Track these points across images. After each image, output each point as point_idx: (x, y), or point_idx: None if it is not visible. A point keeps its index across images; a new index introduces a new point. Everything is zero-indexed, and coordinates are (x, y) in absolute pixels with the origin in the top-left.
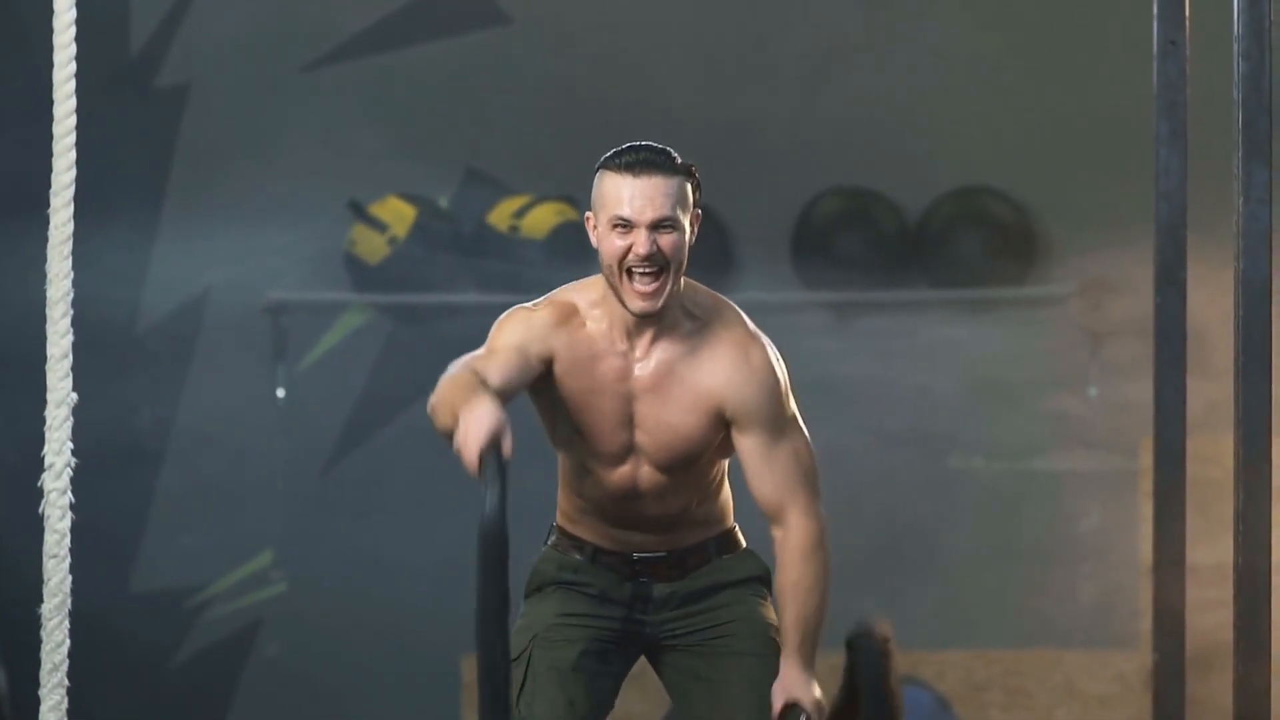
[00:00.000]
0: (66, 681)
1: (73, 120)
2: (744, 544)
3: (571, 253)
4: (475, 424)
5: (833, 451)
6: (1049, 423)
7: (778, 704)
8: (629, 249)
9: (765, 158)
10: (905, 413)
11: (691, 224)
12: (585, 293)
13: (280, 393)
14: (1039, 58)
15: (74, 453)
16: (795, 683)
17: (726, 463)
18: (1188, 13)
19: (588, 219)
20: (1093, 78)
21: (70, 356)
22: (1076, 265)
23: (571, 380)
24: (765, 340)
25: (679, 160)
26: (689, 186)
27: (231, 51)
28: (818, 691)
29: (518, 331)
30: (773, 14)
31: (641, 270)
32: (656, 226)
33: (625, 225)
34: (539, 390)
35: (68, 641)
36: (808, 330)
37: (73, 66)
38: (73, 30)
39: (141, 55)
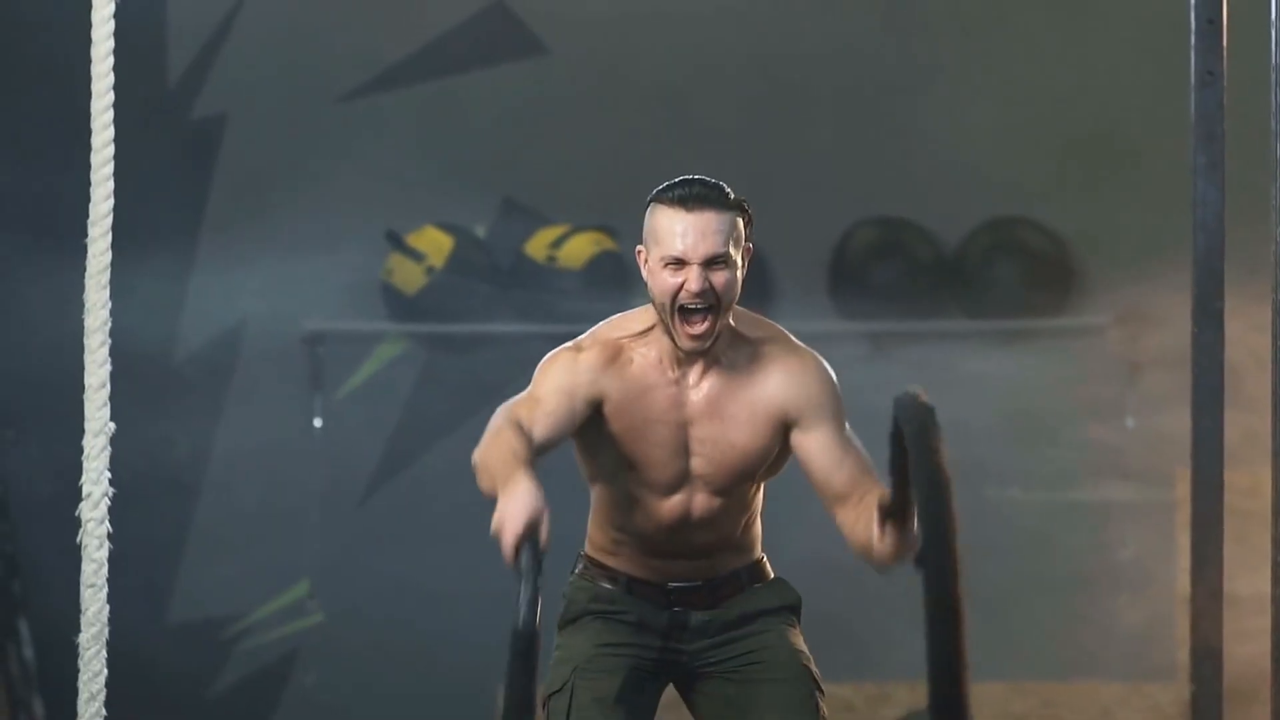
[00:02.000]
0: (104, 711)
1: (111, 151)
2: (771, 573)
3: (609, 283)
4: (513, 511)
5: None
6: (1086, 453)
7: None
8: (681, 286)
9: (802, 188)
10: None
11: (743, 259)
12: (629, 325)
13: (317, 422)
14: (1076, 88)
15: (111, 482)
16: None
17: (762, 497)
18: (1225, 44)
19: (639, 252)
20: (1130, 109)
21: (108, 386)
22: (1113, 296)
23: (623, 417)
24: (813, 351)
25: (732, 195)
26: (741, 222)
27: (268, 82)
28: None
29: (564, 376)
30: (809, 45)
31: (693, 307)
32: (709, 263)
33: (678, 263)
34: (585, 429)
35: (105, 671)
36: (844, 360)
37: (111, 97)
38: (111, 61)
39: (179, 86)
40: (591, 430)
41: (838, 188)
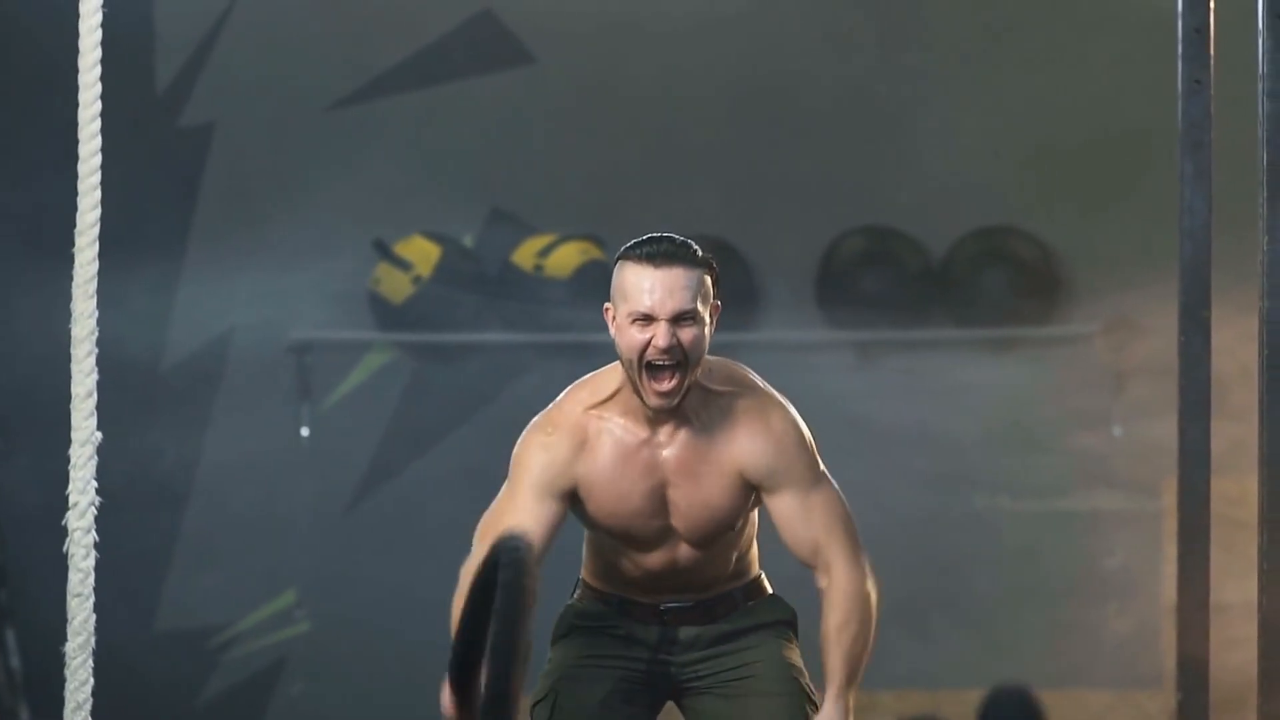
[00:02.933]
0: None
1: (98, 160)
2: (769, 590)
3: (595, 292)
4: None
5: (856, 490)
6: (1073, 462)
7: None
8: (648, 342)
9: (790, 197)
10: (929, 451)
11: (711, 316)
12: (598, 390)
13: (305, 432)
14: (1064, 97)
15: (98, 491)
16: None
17: (756, 517)
18: (1213, 52)
19: (606, 310)
20: (1118, 117)
21: (94, 395)
22: (1101, 304)
23: (599, 495)
24: (784, 401)
25: (700, 253)
26: (709, 279)
27: (256, 91)
28: None
29: (540, 471)
30: (796, 54)
31: (660, 364)
32: (677, 319)
33: (645, 319)
34: (570, 504)
35: (91, 680)
36: (832, 369)
37: (98, 106)
38: (98, 70)
39: (167, 95)
40: (574, 506)
41: (825, 197)
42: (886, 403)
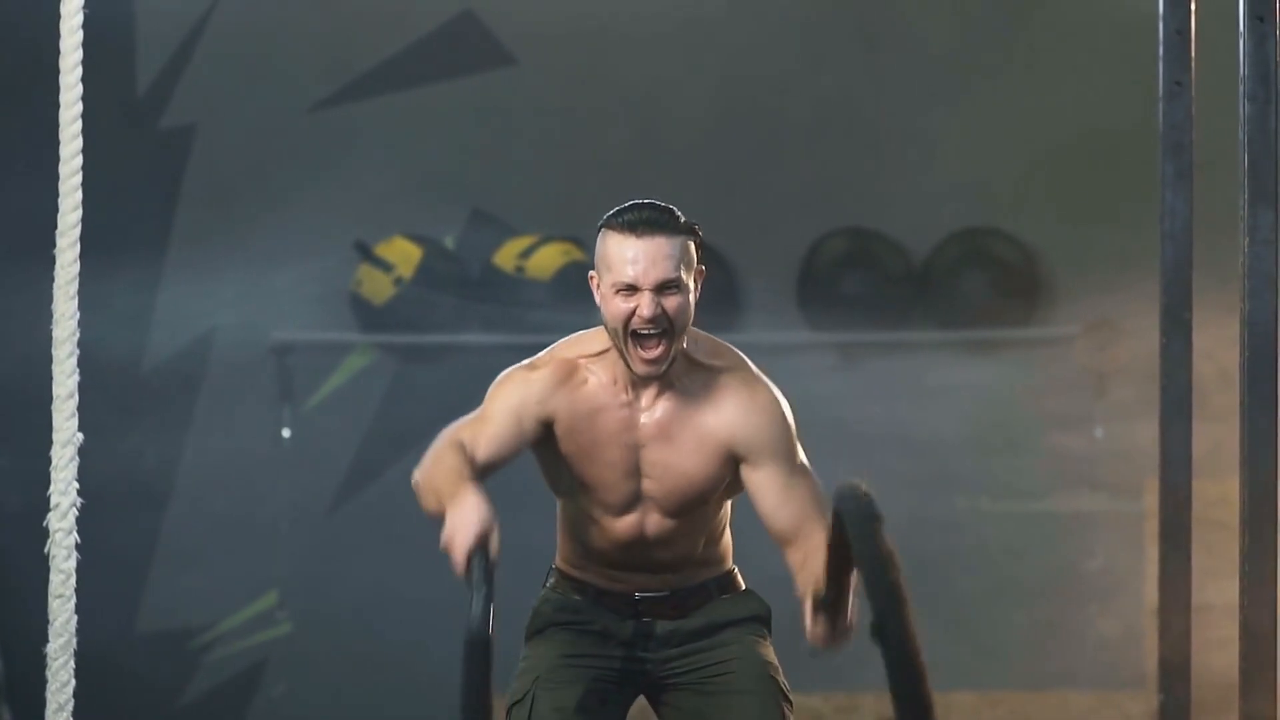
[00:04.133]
0: None
1: (79, 161)
2: (743, 585)
3: (577, 293)
4: (462, 523)
5: None
6: (1055, 463)
7: None
8: (633, 311)
9: (771, 199)
10: (910, 453)
11: (695, 282)
12: (585, 346)
13: (286, 433)
14: (1045, 99)
15: (80, 493)
16: None
17: (730, 506)
18: (1194, 55)
19: (591, 277)
20: (1099, 119)
21: (75, 397)
22: (1082, 306)
23: (575, 437)
24: (770, 383)
25: (682, 219)
26: (692, 245)
27: (238, 93)
28: None
29: (514, 396)
30: (778, 57)
31: (646, 332)
32: (661, 289)
33: (630, 289)
34: (541, 447)
35: (73, 681)
36: (813, 371)
37: (79, 107)
38: (79, 71)
39: (148, 96)
40: (547, 450)
41: (807, 199)
42: (868, 404)
